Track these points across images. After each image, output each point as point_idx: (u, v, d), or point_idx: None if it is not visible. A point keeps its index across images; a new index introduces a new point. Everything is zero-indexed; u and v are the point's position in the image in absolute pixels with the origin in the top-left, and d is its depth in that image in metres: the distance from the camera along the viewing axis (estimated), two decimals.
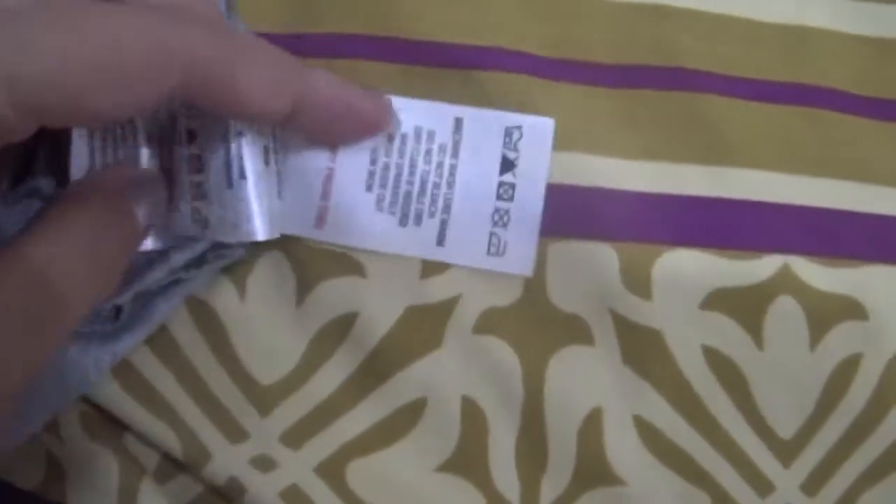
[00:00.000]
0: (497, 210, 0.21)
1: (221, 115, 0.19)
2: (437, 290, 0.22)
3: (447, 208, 0.21)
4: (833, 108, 0.23)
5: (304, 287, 0.22)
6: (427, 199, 0.21)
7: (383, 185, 0.21)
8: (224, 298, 0.22)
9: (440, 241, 0.21)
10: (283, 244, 0.22)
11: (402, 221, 0.21)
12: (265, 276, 0.22)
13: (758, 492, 0.23)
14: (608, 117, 0.23)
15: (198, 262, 0.21)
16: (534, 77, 0.22)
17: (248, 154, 0.19)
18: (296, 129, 0.20)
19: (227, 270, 0.22)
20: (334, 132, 0.21)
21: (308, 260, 0.22)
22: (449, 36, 0.23)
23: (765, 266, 0.22)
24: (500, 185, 0.21)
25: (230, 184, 0.19)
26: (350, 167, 0.21)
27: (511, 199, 0.21)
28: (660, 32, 0.23)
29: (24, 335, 0.16)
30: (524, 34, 0.23)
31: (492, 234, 0.21)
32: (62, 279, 0.16)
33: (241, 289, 0.22)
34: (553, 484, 0.22)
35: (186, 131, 0.20)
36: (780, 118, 0.23)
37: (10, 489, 0.23)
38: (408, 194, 0.21)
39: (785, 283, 0.22)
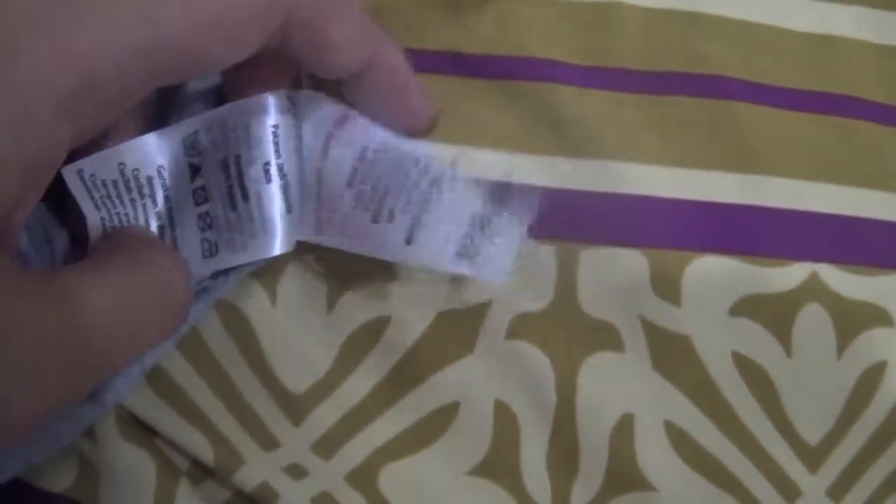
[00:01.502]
0: (476, 215, 0.20)
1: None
2: (468, 294, 0.22)
3: (424, 204, 0.20)
4: (860, 117, 0.24)
5: (334, 292, 0.22)
6: (404, 197, 0.20)
7: (363, 182, 0.20)
8: (255, 303, 0.22)
9: (409, 240, 0.20)
10: (314, 249, 0.22)
11: (375, 218, 0.20)
12: (296, 281, 0.22)
13: (785, 497, 0.23)
14: (639, 124, 0.23)
15: (224, 269, 0.21)
16: (565, 85, 0.23)
17: (249, 174, 0.19)
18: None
19: (258, 275, 0.22)
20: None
21: (339, 264, 0.22)
22: (479, 46, 0.23)
23: (793, 273, 0.22)
24: (488, 189, 0.21)
25: (234, 206, 0.19)
26: (337, 164, 0.21)
27: (500, 204, 0.21)
28: (690, 40, 0.23)
29: (53, 378, 0.15)
30: (555, 43, 0.23)
31: (465, 237, 0.20)
32: (111, 328, 0.16)
33: (272, 294, 0.22)
34: (584, 489, 0.22)
35: (189, 167, 0.20)
36: (808, 127, 0.23)
37: (35, 493, 0.23)
38: (386, 189, 0.20)
39: (813, 290, 0.22)
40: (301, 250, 0.22)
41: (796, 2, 0.24)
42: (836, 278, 0.23)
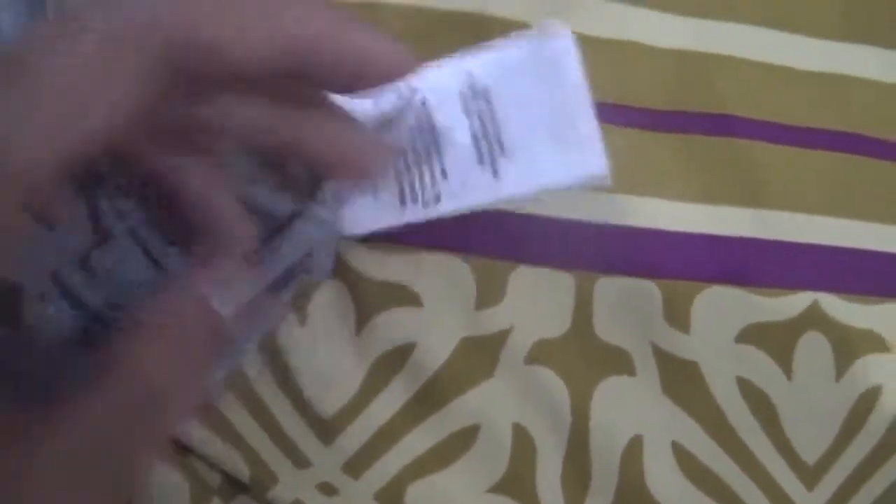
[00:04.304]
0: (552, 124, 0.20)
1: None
2: (490, 321, 0.23)
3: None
4: (865, 154, 0.25)
5: (362, 316, 0.23)
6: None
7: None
8: (284, 324, 0.23)
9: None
10: (343, 273, 0.23)
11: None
12: (325, 304, 0.23)
13: None
14: (657, 161, 0.24)
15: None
16: None
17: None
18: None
19: None
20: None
21: (367, 289, 0.23)
22: None
23: (796, 302, 0.24)
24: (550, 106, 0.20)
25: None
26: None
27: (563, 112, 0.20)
28: (706, 79, 0.24)
29: (133, 438, 0.16)
30: None
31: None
32: (165, 387, 0.17)
33: (302, 314, 0.23)
34: None
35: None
36: (816, 163, 0.24)
37: None
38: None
39: (814, 318, 0.24)
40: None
41: (807, 42, 0.25)
42: (836, 306, 0.24)
